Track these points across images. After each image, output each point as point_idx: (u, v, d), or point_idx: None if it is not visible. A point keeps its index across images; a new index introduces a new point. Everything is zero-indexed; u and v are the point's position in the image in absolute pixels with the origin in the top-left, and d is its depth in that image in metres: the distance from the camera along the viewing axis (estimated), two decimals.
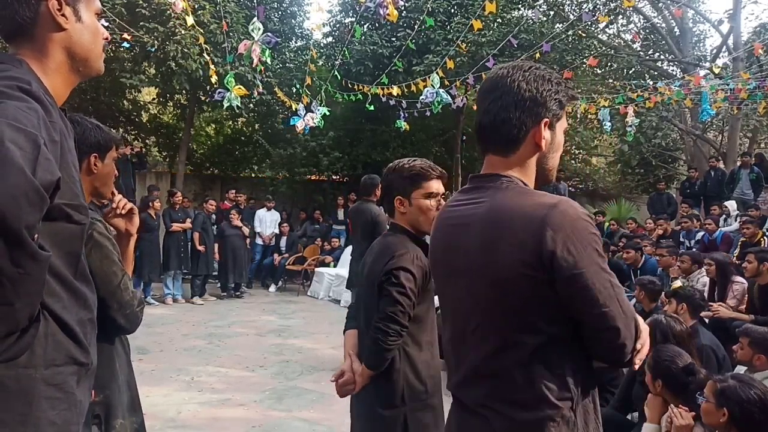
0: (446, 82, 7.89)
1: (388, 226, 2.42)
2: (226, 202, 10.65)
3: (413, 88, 7.88)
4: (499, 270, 1.20)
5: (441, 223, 1.42)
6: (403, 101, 8.55)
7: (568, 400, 1.20)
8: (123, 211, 1.85)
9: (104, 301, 1.63)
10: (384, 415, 2.06)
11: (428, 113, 8.38)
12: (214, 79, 7.45)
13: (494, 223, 1.23)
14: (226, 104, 6.75)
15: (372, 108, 8.84)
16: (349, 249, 8.30)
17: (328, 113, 8.81)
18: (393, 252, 2.09)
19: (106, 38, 1.34)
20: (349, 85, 8.85)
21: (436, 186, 2.16)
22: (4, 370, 1.08)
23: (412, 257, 2.07)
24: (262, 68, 7.23)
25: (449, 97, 7.63)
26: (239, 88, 6.65)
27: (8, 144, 0.91)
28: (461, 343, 1.32)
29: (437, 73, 7.33)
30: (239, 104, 7.01)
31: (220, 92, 6.71)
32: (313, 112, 8.29)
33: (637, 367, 1.28)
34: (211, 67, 7.35)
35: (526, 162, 1.32)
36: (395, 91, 8.01)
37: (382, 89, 8.25)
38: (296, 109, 8.20)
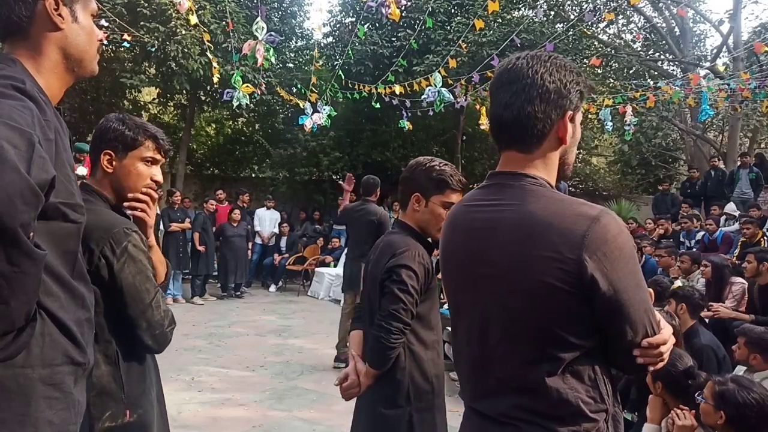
0: (449, 81, 7.90)
1: (392, 225, 2.40)
2: (212, 201, 10.14)
3: (416, 87, 7.88)
4: (531, 282, 1.14)
5: (461, 225, 1.32)
6: (407, 100, 8.55)
7: (603, 412, 1.17)
8: (132, 211, 1.71)
9: (133, 320, 1.54)
10: (387, 415, 2.03)
11: (431, 113, 8.38)
12: (216, 78, 7.45)
13: (528, 232, 1.15)
14: (235, 103, 6.76)
15: (378, 106, 8.85)
16: None
17: (335, 113, 8.83)
18: (395, 249, 2.07)
19: (101, 40, 1.34)
20: (350, 84, 8.86)
21: (456, 198, 2.11)
22: (2, 370, 1.08)
23: (414, 254, 2.04)
24: (266, 67, 7.24)
25: (451, 96, 7.63)
26: (247, 86, 6.66)
27: (3, 143, 0.91)
28: (482, 352, 1.25)
29: (439, 72, 7.32)
30: (248, 102, 7.01)
31: (228, 92, 6.72)
32: (318, 111, 8.30)
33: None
34: (215, 66, 7.36)
35: (549, 158, 1.25)
36: (398, 89, 8.02)
37: (385, 88, 8.26)
38: (303, 107, 8.20)
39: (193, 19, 6.40)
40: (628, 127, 9.26)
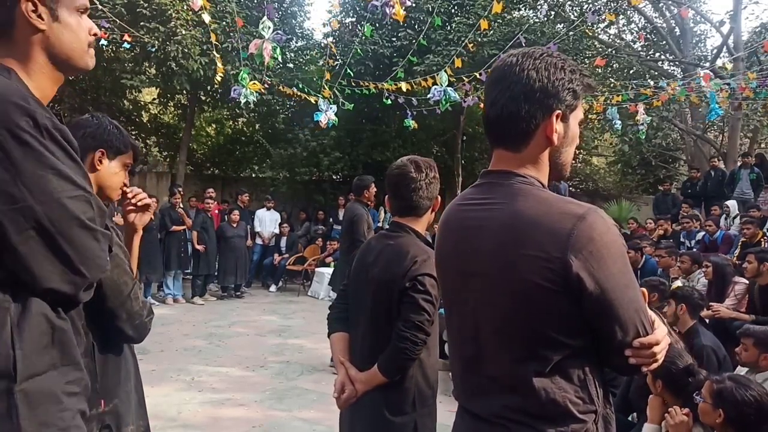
0: (451, 81, 7.88)
1: (387, 226, 2.35)
2: (208, 200, 9.90)
3: (423, 84, 7.88)
4: (519, 282, 1.13)
5: (455, 224, 1.32)
6: (413, 99, 8.54)
7: (592, 413, 1.16)
8: (139, 203, 1.78)
9: (113, 312, 1.60)
10: (393, 422, 2.00)
11: (438, 111, 8.37)
12: (218, 77, 7.45)
13: (515, 232, 1.15)
14: (243, 100, 6.76)
15: (389, 102, 8.84)
16: None
17: (351, 106, 8.84)
18: (415, 256, 2.01)
19: (95, 34, 1.32)
20: (352, 83, 8.86)
21: None
22: None
23: (434, 262, 2.02)
24: (271, 66, 7.24)
25: (457, 95, 7.61)
26: (254, 83, 6.67)
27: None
28: (474, 352, 1.25)
29: (446, 71, 7.31)
30: (255, 99, 7.01)
31: (235, 89, 6.72)
32: (328, 110, 8.30)
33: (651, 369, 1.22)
34: (219, 65, 7.36)
35: (539, 157, 1.23)
36: (404, 86, 8.00)
37: (392, 85, 8.26)
38: (316, 102, 8.19)
39: (207, 18, 6.43)
40: (642, 126, 9.22)
